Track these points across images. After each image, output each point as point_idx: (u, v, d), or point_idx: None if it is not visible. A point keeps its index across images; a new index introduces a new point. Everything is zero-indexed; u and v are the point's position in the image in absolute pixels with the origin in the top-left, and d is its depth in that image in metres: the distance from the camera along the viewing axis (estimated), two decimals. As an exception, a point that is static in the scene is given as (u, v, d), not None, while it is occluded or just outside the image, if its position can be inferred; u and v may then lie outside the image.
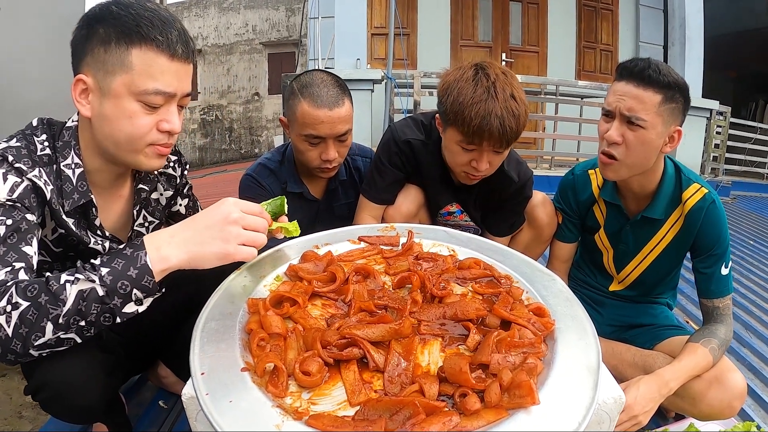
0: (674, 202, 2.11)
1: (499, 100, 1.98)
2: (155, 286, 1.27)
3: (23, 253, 1.32)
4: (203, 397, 1.08)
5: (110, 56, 1.39)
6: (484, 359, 1.18)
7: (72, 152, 1.54)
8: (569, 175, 2.42)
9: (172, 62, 1.43)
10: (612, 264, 2.37)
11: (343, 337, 1.22)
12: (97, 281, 1.20)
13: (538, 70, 10.70)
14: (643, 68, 1.88)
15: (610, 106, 1.95)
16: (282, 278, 1.58)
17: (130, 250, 1.26)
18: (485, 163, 2.09)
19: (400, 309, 1.37)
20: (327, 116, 2.23)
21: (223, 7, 19.69)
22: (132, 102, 1.42)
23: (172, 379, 2.30)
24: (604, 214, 2.32)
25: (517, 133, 2.03)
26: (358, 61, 7.89)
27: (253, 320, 1.32)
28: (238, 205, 1.35)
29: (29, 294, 1.18)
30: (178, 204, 2.02)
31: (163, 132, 1.49)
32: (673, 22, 10.02)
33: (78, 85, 1.45)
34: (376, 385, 1.17)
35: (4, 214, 1.34)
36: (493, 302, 1.43)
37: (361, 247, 1.78)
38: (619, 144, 1.94)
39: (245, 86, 19.62)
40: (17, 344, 1.17)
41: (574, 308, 1.46)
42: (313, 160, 2.35)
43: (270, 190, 2.53)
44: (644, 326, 2.34)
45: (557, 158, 8.77)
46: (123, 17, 1.39)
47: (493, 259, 1.70)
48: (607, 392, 1.29)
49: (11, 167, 1.40)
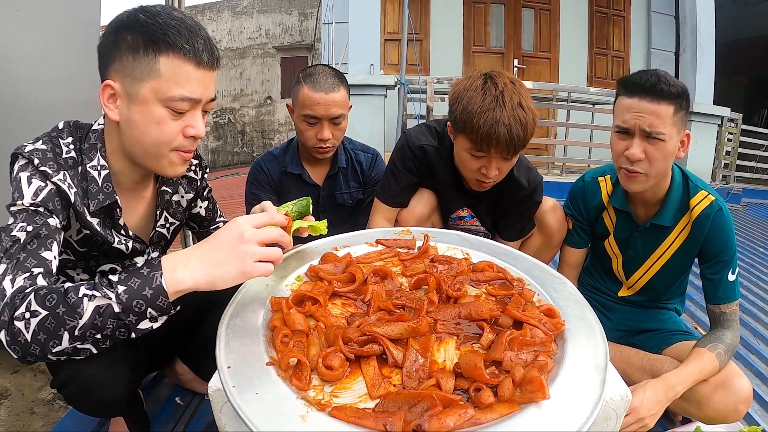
0: (682, 209, 2.13)
1: (506, 108, 2.02)
2: (169, 306, 1.29)
3: (42, 258, 1.34)
4: (230, 390, 1.13)
5: (138, 63, 1.43)
6: (498, 356, 1.24)
7: (98, 154, 1.58)
8: (579, 182, 2.44)
9: (198, 70, 1.47)
10: (621, 270, 2.39)
11: (364, 334, 1.28)
12: (113, 299, 1.22)
13: (550, 77, 10.67)
14: (654, 83, 1.90)
15: (627, 124, 1.97)
16: (303, 278, 1.64)
17: (147, 270, 1.27)
18: (494, 169, 2.14)
19: (418, 309, 1.42)
20: (323, 99, 2.55)
21: (236, 12, 19.69)
22: (159, 108, 1.46)
23: (189, 376, 2.32)
24: (613, 221, 2.34)
25: (525, 140, 2.06)
26: (371, 66, 7.88)
27: (277, 318, 1.38)
28: (249, 221, 1.35)
29: (48, 303, 1.21)
30: (198, 206, 2.07)
31: (189, 137, 1.53)
32: (685, 28, 9.96)
33: (106, 91, 1.48)
34: (395, 380, 1.22)
35: (25, 219, 1.38)
36: (505, 303, 1.48)
37: (379, 250, 1.84)
38: (642, 160, 1.96)
39: (258, 90, 19.59)
40: (36, 348, 1.21)
41: (584, 310, 1.51)
42: (310, 139, 2.66)
43: (269, 174, 2.87)
44: (652, 331, 2.36)
45: (568, 164, 8.77)
46: (151, 26, 1.42)
47: (506, 263, 1.76)
48: (614, 390, 1.34)
49: (36, 170, 1.44)
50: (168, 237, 1.95)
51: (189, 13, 1.57)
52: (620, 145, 2.02)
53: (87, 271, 1.77)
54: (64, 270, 1.76)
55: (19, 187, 1.42)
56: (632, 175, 2.01)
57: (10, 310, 1.21)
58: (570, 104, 8.54)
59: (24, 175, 1.43)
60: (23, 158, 1.46)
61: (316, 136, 2.64)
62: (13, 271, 1.29)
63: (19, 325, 1.19)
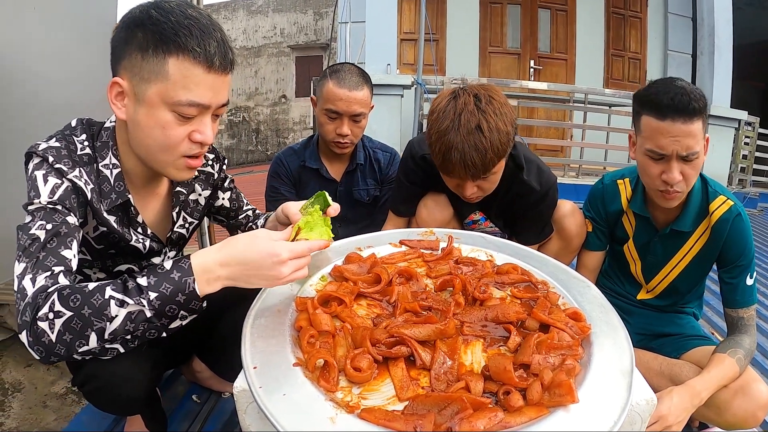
0: (701, 214, 2.12)
1: (461, 133, 1.96)
2: (201, 307, 1.31)
3: (62, 257, 1.33)
4: (257, 390, 1.12)
5: (147, 63, 1.39)
6: (526, 359, 1.23)
7: (110, 153, 1.57)
8: (598, 185, 2.42)
9: (208, 74, 1.42)
10: (640, 274, 2.38)
11: (392, 335, 1.28)
12: (145, 305, 1.22)
13: (566, 78, 10.62)
14: (686, 102, 1.84)
15: (665, 150, 1.90)
16: (327, 278, 1.63)
17: (178, 275, 1.26)
18: (471, 188, 2.11)
19: (444, 310, 1.42)
20: (346, 95, 2.64)
21: (251, 10, 19.78)
22: (165, 112, 1.42)
23: (207, 374, 2.32)
24: (633, 226, 2.33)
25: (485, 164, 1.99)
26: (388, 66, 7.88)
27: (302, 318, 1.37)
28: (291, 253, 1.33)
29: (72, 303, 1.19)
30: (221, 198, 2.05)
31: (195, 143, 1.49)
32: (702, 31, 9.89)
33: (114, 88, 1.45)
34: (423, 382, 1.21)
35: (44, 217, 1.36)
36: (531, 306, 1.47)
37: (403, 251, 1.83)
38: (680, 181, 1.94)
39: (272, 89, 19.68)
40: (61, 349, 1.20)
41: (609, 314, 1.50)
42: (329, 133, 2.75)
43: (288, 168, 2.97)
44: (671, 335, 2.34)
45: (584, 167, 8.73)
46: (162, 24, 1.37)
47: (530, 265, 1.74)
48: (639, 394, 1.33)
49: (51, 168, 1.43)
50: (186, 236, 1.95)
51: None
52: (655, 169, 1.97)
53: (104, 270, 1.77)
54: (80, 269, 1.75)
55: (35, 185, 1.41)
56: (671, 196, 2.00)
57: (33, 311, 1.20)
58: (587, 106, 8.49)
59: (39, 174, 1.42)
60: (37, 156, 1.44)
61: (336, 130, 2.72)
62: (33, 270, 1.27)
63: (42, 326, 1.18)
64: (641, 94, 1.99)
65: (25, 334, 1.20)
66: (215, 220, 2.15)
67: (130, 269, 1.79)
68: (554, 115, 9.80)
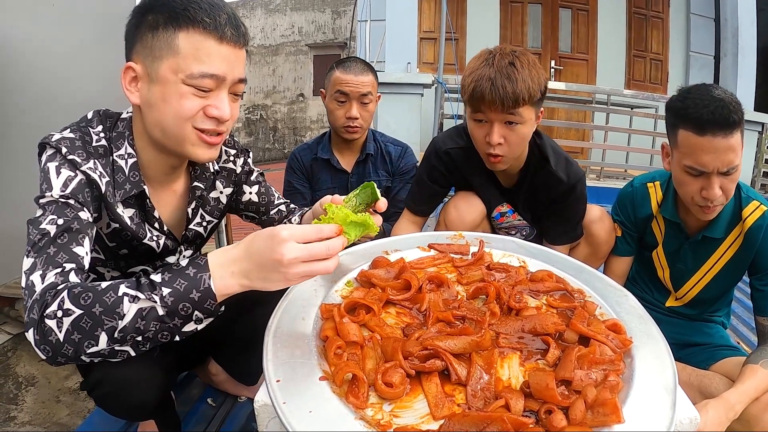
0: (734, 220, 2.08)
1: (495, 66, 2.02)
2: (217, 308, 1.21)
3: (74, 254, 1.29)
4: (281, 406, 1.06)
5: (157, 41, 1.37)
6: (567, 375, 1.15)
7: (125, 143, 1.53)
8: (628, 187, 2.38)
9: (221, 45, 1.39)
10: (669, 281, 2.33)
11: (425, 348, 1.20)
12: (158, 301, 1.15)
13: (587, 78, 10.54)
14: (726, 115, 1.78)
15: (707, 167, 1.84)
16: (353, 284, 1.56)
17: (194, 271, 1.19)
18: (497, 135, 2.09)
19: (479, 321, 1.33)
20: (352, 79, 2.82)
21: (269, 9, 19.85)
22: (180, 86, 1.38)
23: (223, 377, 2.29)
24: (662, 232, 2.28)
25: (515, 95, 2.00)
26: (408, 65, 7.84)
27: (328, 327, 1.29)
28: (293, 236, 1.16)
29: (83, 302, 1.14)
30: (247, 193, 2.00)
31: (211, 118, 1.44)
32: (726, 32, 9.77)
33: (128, 73, 1.43)
34: (458, 399, 1.14)
35: (56, 212, 1.32)
36: (568, 317, 1.40)
37: (432, 255, 1.75)
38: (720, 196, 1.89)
39: (290, 87, 19.78)
40: (69, 349, 1.14)
41: (648, 326, 1.43)
42: (339, 118, 2.89)
43: (301, 162, 3.11)
44: (699, 345, 2.29)
45: (606, 169, 8.62)
46: (171, 3, 1.37)
47: (565, 272, 1.67)
48: (683, 412, 1.26)
49: (65, 159, 1.39)
50: (204, 236, 1.89)
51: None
52: (694, 186, 1.92)
53: (117, 269, 1.73)
54: (94, 267, 1.71)
55: (48, 177, 1.37)
56: (710, 211, 1.96)
57: (41, 308, 1.15)
58: (609, 107, 8.39)
59: (52, 165, 1.38)
60: (51, 147, 1.41)
61: (345, 114, 2.86)
62: (42, 266, 1.23)
63: (50, 324, 1.13)
64: (677, 106, 1.92)
65: (32, 333, 1.15)
66: (246, 217, 2.09)
67: (145, 270, 1.74)
68: (575, 116, 9.72)
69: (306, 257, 1.15)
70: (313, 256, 1.17)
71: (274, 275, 1.17)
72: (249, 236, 1.22)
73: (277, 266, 1.15)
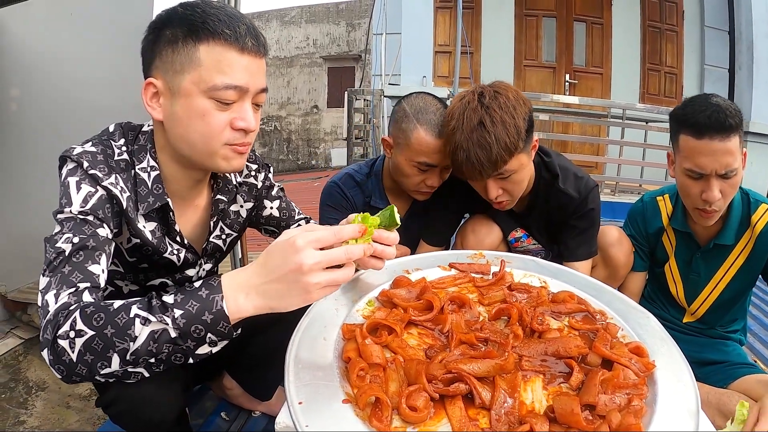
0: (743, 226, 2.12)
1: (465, 131, 1.96)
2: (231, 331, 1.18)
3: (89, 272, 1.27)
4: (303, 430, 1.04)
5: (178, 55, 1.37)
6: (591, 400, 1.13)
7: (147, 155, 1.52)
8: (638, 203, 2.44)
9: (242, 56, 1.38)
10: (683, 296, 2.34)
11: (449, 371, 1.18)
12: (169, 323, 1.12)
13: (602, 92, 10.53)
14: (722, 120, 1.86)
15: (704, 169, 1.92)
16: (374, 303, 1.54)
17: (206, 292, 1.16)
18: (494, 191, 2.07)
19: (503, 343, 1.32)
20: (443, 146, 2.22)
21: (284, 21, 19.97)
22: (203, 99, 1.37)
23: (237, 392, 2.27)
24: (673, 244, 2.32)
25: (492, 161, 1.95)
26: (424, 78, 7.87)
27: (350, 348, 1.28)
28: (309, 243, 1.13)
29: (95, 323, 1.12)
30: (268, 208, 1.98)
31: (238, 130, 1.43)
32: (740, 44, 9.73)
33: (148, 89, 1.43)
34: (483, 423, 1.12)
35: (72, 229, 1.31)
36: (590, 339, 1.39)
37: (453, 275, 1.74)
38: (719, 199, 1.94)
39: (304, 99, 19.87)
40: (82, 369, 1.13)
41: (670, 348, 1.41)
42: (416, 184, 2.39)
43: (352, 202, 2.61)
44: (717, 363, 2.28)
45: (621, 184, 8.58)
46: (189, 16, 1.36)
47: (586, 293, 1.65)
48: (705, 435, 1.24)
49: (86, 174, 1.38)
50: (224, 249, 1.88)
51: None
52: (695, 188, 1.99)
53: (136, 283, 1.72)
54: (112, 281, 1.70)
55: (68, 192, 1.36)
56: (708, 215, 2.01)
57: (53, 328, 1.14)
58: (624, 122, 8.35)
59: (73, 180, 1.37)
60: (72, 161, 1.40)
61: (426, 182, 2.37)
62: (57, 285, 1.22)
63: (63, 344, 1.12)
64: (678, 113, 2.00)
65: (47, 353, 1.14)
66: (266, 231, 2.07)
67: (164, 283, 1.74)
68: (589, 130, 9.70)
69: (326, 263, 1.13)
70: (332, 261, 1.14)
71: (294, 288, 1.13)
72: (262, 254, 1.19)
73: (297, 277, 1.11)
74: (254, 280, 1.17)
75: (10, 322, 4.02)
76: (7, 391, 3.25)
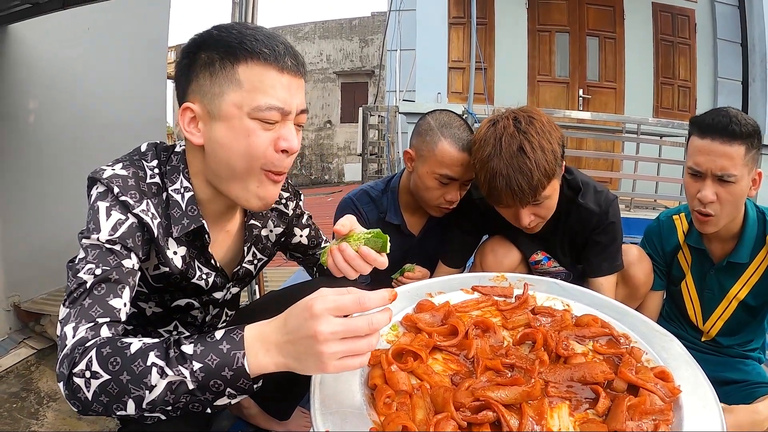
0: (759, 244, 2.13)
1: (504, 157, 1.92)
2: (251, 387, 1.12)
3: (109, 306, 1.23)
4: (333, 458, 1.03)
5: (216, 78, 1.34)
6: (619, 427, 1.13)
7: (181, 176, 1.49)
8: (654, 222, 2.48)
9: (282, 75, 1.36)
10: (700, 314, 2.35)
11: (476, 399, 1.18)
12: (188, 376, 1.07)
13: (615, 107, 10.50)
14: (726, 123, 1.91)
15: (700, 167, 1.98)
16: (397, 327, 1.54)
17: (228, 347, 1.09)
18: (526, 219, 2.06)
19: (529, 369, 1.31)
20: (466, 160, 2.27)
21: (298, 36, 20.08)
22: (247, 120, 1.34)
23: (254, 411, 2.24)
24: (689, 262, 2.33)
25: (533, 187, 1.93)
26: (438, 95, 7.87)
27: (376, 374, 1.27)
28: (328, 309, 1.04)
29: (110, 367, 1.08)
30: (299, 236, 1.99)
31: (281, 152, 1.40)
32: (754, 57, 9.67)
33: (185, 114, 1.40)
34: (511, 452, 1.11)
35: (97, 258, 1.28)
36: (615, 363, 1.38)
37: (476, 298, 1.73)
38: (713, 202, 1.97)
39: (318, 114, 19.93)
40: (98, 407, 1.10)
41: (695, 371, 1.41)
42: (436, 198, 2.40)
43: (366, 218, 2.61)
44: (737, 383, 2.27)
45: (636, 199, 8.53)
46: (225, 38, 1.34)
47: (609, 316, 1.64)
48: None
49: (116, 201, 1.35)
50: (254, 273, 1.87)
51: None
52: (693, 187, 2.04)
53: (160, 305, 1.69)
54: (136, 302, 1.67)
55: (96, 218, 1.32)
56: (704, 219, 2.03)
57: (69, 364, 1.11)
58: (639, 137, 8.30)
59: (103, 206, 1.34)
60: (102, 185, 1.36)
61: (445, 196, 2.38)
62: (75, 318, 1.19)
63: (78, 382, 1.09)
64: (694, 117, 2.05)
65: (62, 386, 1.12)
66: (291, 256, 2.07)
67: (190, 304, 1.71)
68: (603, 145, 9.66)
69: (344, 333, 1.04)
70: (352, 332, 1.05)
71: (310, 356, 1.06)
72: (286, 311, 1.13)
73: (311, 344, 1.04)
74: (276, 336, 1.11)
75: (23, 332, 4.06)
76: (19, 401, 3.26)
